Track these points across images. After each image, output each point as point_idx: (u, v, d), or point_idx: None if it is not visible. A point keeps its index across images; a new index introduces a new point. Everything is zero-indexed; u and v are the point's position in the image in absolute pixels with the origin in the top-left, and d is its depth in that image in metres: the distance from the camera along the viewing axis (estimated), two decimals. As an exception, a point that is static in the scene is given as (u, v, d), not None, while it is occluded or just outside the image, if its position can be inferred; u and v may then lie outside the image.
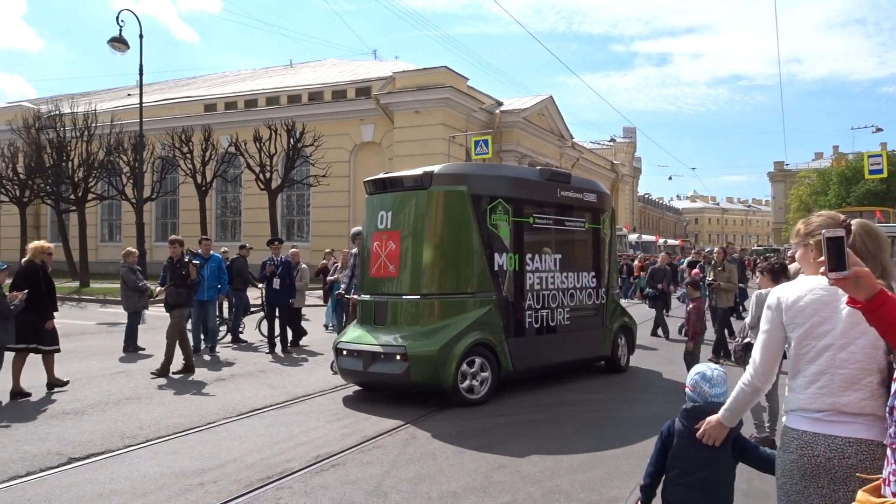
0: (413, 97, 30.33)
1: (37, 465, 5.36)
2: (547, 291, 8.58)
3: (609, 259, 9.76)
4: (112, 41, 20.37)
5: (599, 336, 9.38)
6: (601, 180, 53.71)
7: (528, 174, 9.16)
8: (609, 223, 9.78)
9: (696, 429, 2.87)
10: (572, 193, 9.09)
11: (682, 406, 3.09)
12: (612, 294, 9.80)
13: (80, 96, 38.63)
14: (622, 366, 9.74)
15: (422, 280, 7.80)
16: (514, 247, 8.21)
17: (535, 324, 8.42)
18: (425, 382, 7.41)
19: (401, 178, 8.23)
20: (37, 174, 29.13)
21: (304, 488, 4.86)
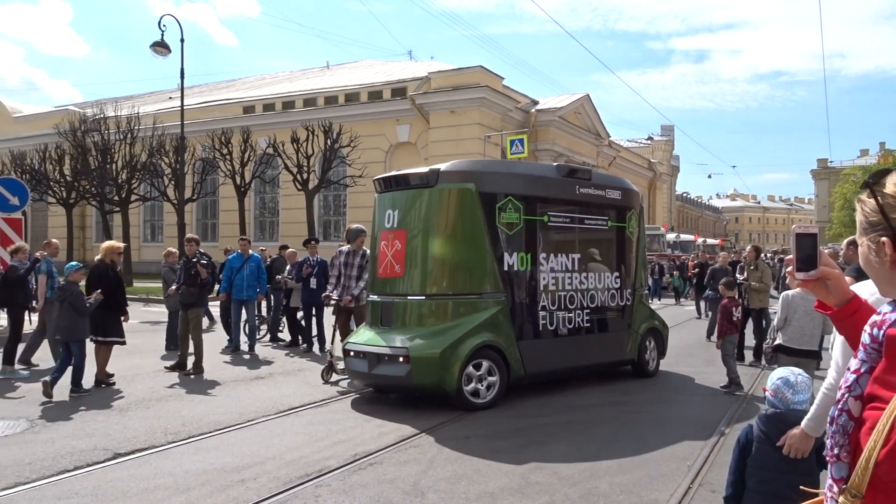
0: (448, 97, 30.37)
1: (84, 459, 5.50)
2: (564, 292, 8.25)
3: (636, 258, 9.36)
4: (154, 45, 20.81)
5: (624, 339, 8.99)
6: (638, 179, 53.11)
7: (542, 171, 8.88)
8: (636, 221, 9.38)
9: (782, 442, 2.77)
10: (593, 190, 8.74)
11: (760, 411, 2.97)
12: (640, 295, 9.41)
13: (124, 100, 39.55)
14: (650, 370, 9.30)
15: (427, 280, 7.61)
16: (527, 246, 7.94)
17: (551, 326, 8.11)
18: (428, 385, 7.25)
19: (407, 175, 8.03)
20: (82, 176, 29.91)
21: (342, 486, 4.90)
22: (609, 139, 43.14)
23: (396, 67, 38.96)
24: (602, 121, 40.64)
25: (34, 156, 31.85)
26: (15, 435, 6.26)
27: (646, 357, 9.24)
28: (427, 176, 7.69)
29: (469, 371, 7.24)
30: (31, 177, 30.08)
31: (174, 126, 26.67)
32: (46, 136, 35.26)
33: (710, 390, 8.48)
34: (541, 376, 8.15)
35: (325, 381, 8.59)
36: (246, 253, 11.68)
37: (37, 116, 41.85)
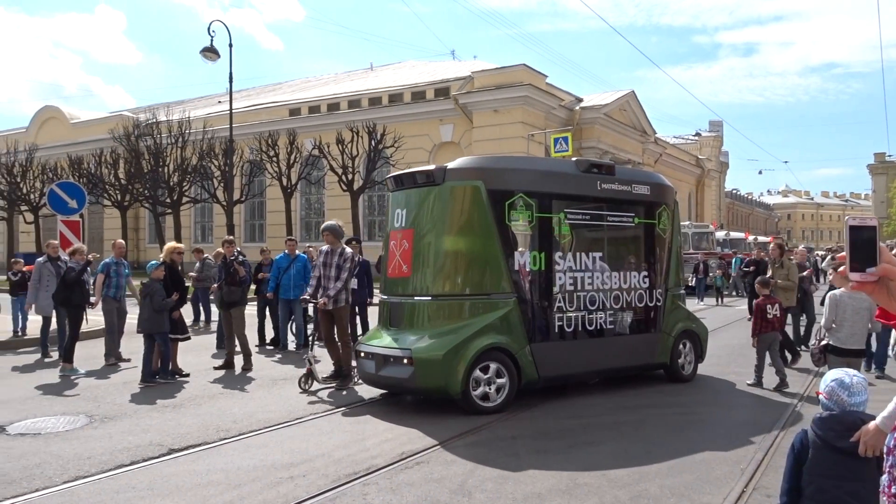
0: (491, 96, 30.32)
1: (140, 455, 5.66)
2: (583, 293, 7.86)
3: (668, 257, 8.82)
4: (204, 51, 21.28)
5: (653, 342, 8.50)
6: (686, 176, 52.17)
7: (558, 166, 8.57)
8: (669, 218, 8.81)
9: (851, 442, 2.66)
10: (617, 186, 8.27)
11: (815, 415, 2.87)
12: (673, 296, 8.86)
13: (175, 104, 40.59)
14: (684, 375, 8.75)
15: (433, 281, 7.40)
16: (540, 245, 7.61)
17: (568, 328, 7.74)
18: (431, 388, 7.08)
19: (414, 174, 7.79)
20: (136, 179, 30.83)
21: (389, 485, 4.93)
22: (655, 136, 42.49)
23: (439, 67, 39.06)
24: (648, 117, 40.05)
25: (90, 160, 32.92)
26: (75, 430, 6.48)
27: (679, 361, 8.74)
28: (434, 174, 7.47)
29: (476, 374, 7.00)
30: (88, 180, 31.10)
31: (223, 129, 27.27)
32: (102, 140, 36.46)
33: (762, 393, 8.27)
34: (557, 380, 7.82)
35: (304, 389, 8.12)
36: (293, 253, 11.85)
37: (93, 122, 43.23)
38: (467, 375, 6.93)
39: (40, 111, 46.73)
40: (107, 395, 8.11)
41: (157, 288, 8.95)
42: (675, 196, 9.24)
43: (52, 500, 4.67)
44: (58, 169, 33.87)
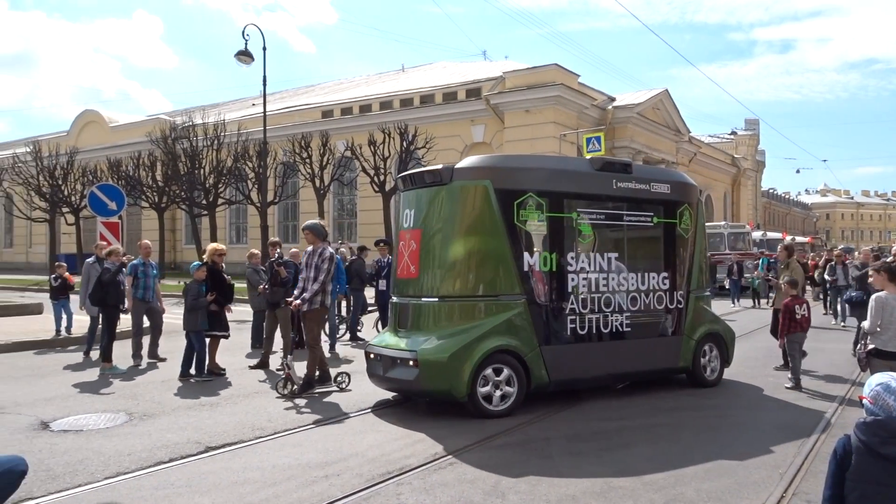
0: (523, 96, 30.24)
1: (178, 452, 5.76)
2: (598, 294, 7.67)
3: (691, 258, 8.53)
4: (239, 54, 21.59)
5: (674, 345, 8.25)
6: (721, 175, 51.39)
7: (571, 165, 8.37)
8: (691, 217, 8.53)
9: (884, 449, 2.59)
10: (634, 185, 8.03)
11: (858, 419, 2.79)
12: (696, 298, 8.55)
13: (210, 107, 41.27)
14: (708, 380, 8.50)
15: (440, 282, 7.28)
16: (551, 245, 7.44)
17: (581, 330, 7.54)
18: (436, 391, 6.99)
19: (422, 173, 7.66)
20: (173, 181, 31.39)
21: (423, 485, 4.94)
22: (689, 135, 41.93)
23: (471, 68, 39.07)
24: (681, 116, 39.54)
25: (129, 163, 33.60)
26: (116, 427, 6.63)
27: (702, 365, 8.47)
28: (441, 173, 7.35)
29: (483, 377, 6.90)
30: (127, 182, 31.76)
31: (257, 131, 27.62)
32: (140, 143, 37.20)
33: (803, 396, 8.10)
34: (569, 384, 7.66)
35: (281, 394, 7.99)
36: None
37: (131, 125, 44.16)
38: (473, 378, 6.82)
39: (81, 115, 47.87)
40: (145, 393, 8.27)
41: (193, 287, 9.24)
42: (699, 195, 8.95)
43: (95, 496, 4.78)
44: (97, 171, 34.65)
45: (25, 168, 35.08)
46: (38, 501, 4.65)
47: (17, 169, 35.25)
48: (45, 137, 44.49)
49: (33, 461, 5.42)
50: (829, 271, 15.97)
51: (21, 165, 35.24)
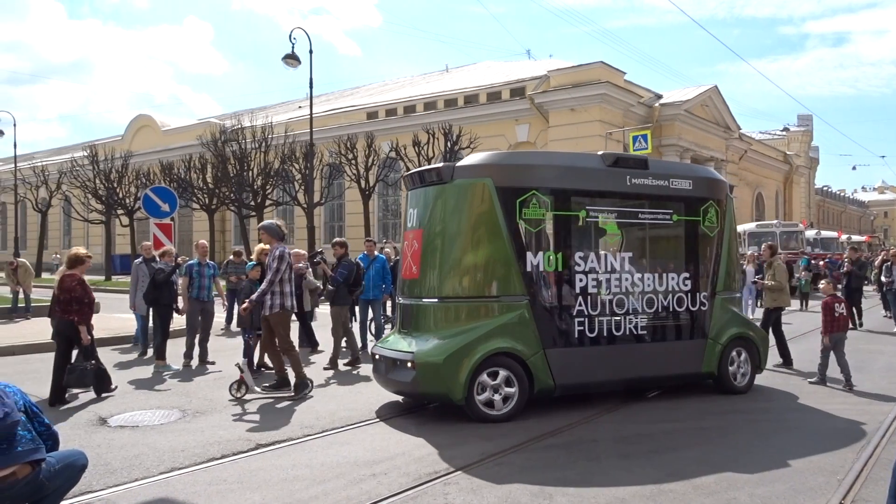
0: (568, 95, 29.99)
1: (230, 449, 5.88)
2: (610, 296, 7.37)
3: (717, 258, 8.07)
4: (286, 58, 21.93)
5: (697, 349, 7.83)
6: (773, 173, 50.09)
7: (579, 161, 7.97)
8: (717, 214, 8.06)
9: None
10: (651, 181, 7.65)
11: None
12: (723, 300, 8.09)
13: (258, 110, 42.04)
14: (738, 387, 8.04)
15: (440, 282, 7.09)
16: (557, 245, 7.20)
17: (590, 333, 7.24)
18: (432, 393, 6.89)
19: (424, 172, 7.50)
20: (222, 183, 32.05)
21: (469, 485, 4.95)
22: (739, 132, 40.98)
23: (515, 67, 38.92)
24: (731, 113, 38.66)
25: (180, 165, 34.44)
26: (170, 423, 6.81)
27: (730, 371, 8.00)
28: (442, 171, 7.20)
29: (483, 380, 6.74)
30: (178, 185, 32.54)
31: (304, 133, 28.04)
32: (191, 147, 38.12)
33: (861, 400, 7.84)
34: (577, 388, 7.36)
35: (235, 397, 7.83)
36: (371, 254, 12.05)
37: (182, 129, 45.28)
38: (471, 381, 6.67)
39: (134, 120, 49.30)
40: (198, 390, 8.47)
41: (247, 287, 9.46)
42: (728, 191, 8.46)
43: (151, 490, 4.91)
44: (150, 174, 35.59)
45: (83, 171, 36.25)
46: (98, 494, 4.80)
47: (74, 172, 36.45)
48: (101, 142, 45.92)
49: (92, 455, 5.61)
50: (886, 272, 15.36)
51: (78, 169, 36.42)
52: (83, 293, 7.87)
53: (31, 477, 3.64)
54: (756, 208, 46.91)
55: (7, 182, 46.54)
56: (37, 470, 3.67)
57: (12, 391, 3.74)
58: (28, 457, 3.63)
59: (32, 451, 3.66)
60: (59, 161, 45.52)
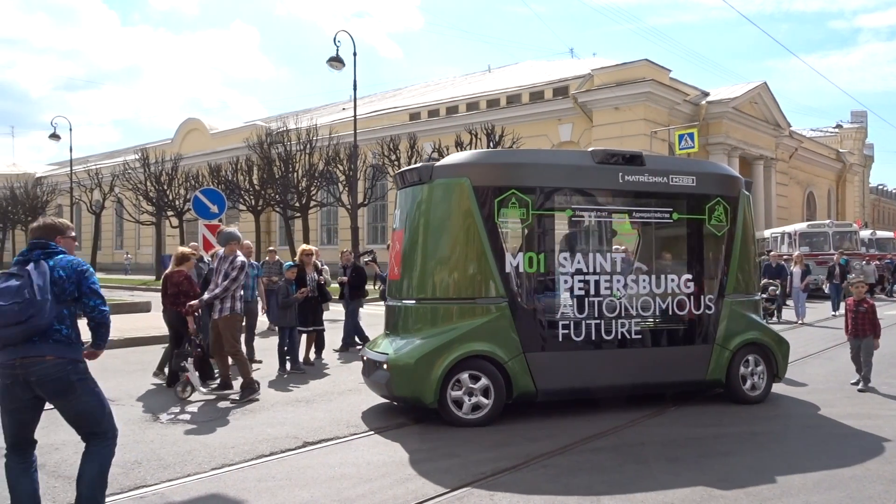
0: (612, 93, 29.66)
1: (278, 446, 5.97)
2: (598, 298, 7.05)
3: (726, 258, 7.60)
4: (331, 60, 22.21)
5: (700, 356, 7.42)
6: (825, 171, 48.66)
7: (565, 158, 7.84)
8: (726, 212, 7.59)
9: None
10: (647, 178, 7.29)
11: None
12: (732, 303, 7.59)
13: (303, 113, 42.59)
14: (749, 396, 7.55)
15: (417, 284, 6.98)
16: (539, 245, 6.97)
17: (576, 337, 6.97)
18: (405, 396, 6.77)
19: (406, 172, 7.38)
20: (268, 185, 32.58)
21: (515, 487, 4.93)
22: (790, 129, 39.93)
23: (558, 66, 38.65)
24: (781, 110, 37.69)
25: (228, 168, 35.14)
26: (219, 420, 6.95)
27: (740, 379, 7.53)
28: (421, 171, 7.09)
29: (456, 383, 6.62)
30: (226, 187, 33.19)
31: (347, 135, 28.32)
32: (237, 149, 38.85)
33: (921, 405, 7.56)
34: (561, 394, 7.12)
35: (181, 398, 7.89)
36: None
37: (229, 132, 46.17)
38: (443, 384, 6.55)
39: (184, 123, 50.48)
40: (246, 388, 8.61)
41: (281, 286, 9.82)
42: (742, 187, 7.90)
43: (202, 486, 5.02)
44: (199, 176, 36.41)
45: (134, 174, 37.30)
46: (153, 489, 4.93)
47: (127, 175, 37.53)
48: (152, 145, 47.12)
49: (146, 451, 5.79)
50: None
51: (130, 172, 37.48)
52: (189, 287, 8.58)
53: (59, 365, 3.85)
54: (807, 208, 45.66)
55: (63, 185, 48.17)
56: (65, 362, 3.87)
57: (60, 275, 3.88)
58: (57, 352, 3.85)
59: (64, 346, 3.88)
60: (112, 164, 46.95)
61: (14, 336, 3.73)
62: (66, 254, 4.06)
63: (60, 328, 3.87)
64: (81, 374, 3.95)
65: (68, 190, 42.55)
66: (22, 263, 3.88)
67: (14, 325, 3.69)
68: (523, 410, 7.23)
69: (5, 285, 3.75)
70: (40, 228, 4.15)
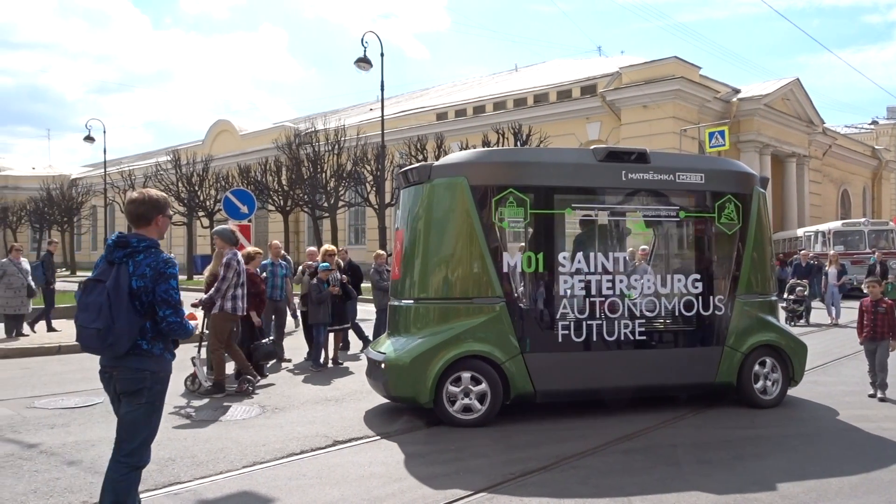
0: (641, 91, 29.37)
1: (308, 444, 6.03)
2: (601, 298, 6.91)
3: (738, 257, 7.37)
4: (358, 61, 22.34)
5: (710, 358, 7.21)
6: (860, 169, 47.67)
7: (565, 156, 7.73)
8: (737, 210, 7.35)
9: None
10: (652, 175, 7.12)
11: None
12: (745, 304, 7.35)
13: (331, 114, 42.84)
14: (762, 400, 7.32)
15: (416, 283, 6.96)
16: (538, 244, 6.87)
17: (577, 337, 6.85)
18: (401, 396, 6.79)
19: (407, 172, 7.34)
20: (297, 185, 32.86)
21: (546, 488, 4.91)
22: (823, 126, 39.17)
23: (585, 65, 38.39)
24: (814, 106, 36.97)
25: (257, 168, 35.53)
26: (250, 419, 7.03)
27: (752, 382, 7.30)
28: (420, 171, 7.08)
29: (452, 383, 6.59)
30: (255, 187, 33.55)
31: (375, 135, 28.47)
32: (266, 150, 39.27)
33: (962, 409, 7.37)
34: (563, 395, 7.07)
35: (189, 390, 8.18)
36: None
37: (258, 133, 46.66)
38: (439, 384, 6.53)
39: (214, 125, 51.12)
40: (276, 387, 8.71)
41: (313, 285, 10.03)
42: (756, 184, 7.64)
43: (235, 483, 5.08)
44: (229, 177, 36.87)
45: (166, 175, 37.89)
46: (186, 486, 5.00)
47: (159, 176, 38.14)
48: (183, 146, 47.82)
49: (179, 448, 5.87)
50: None
51: (162, 173, 38.09)
52: (253, 285, 8.86)
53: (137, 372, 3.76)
54: (842, 206, 44.75)
55: (97, 186, 49.11)
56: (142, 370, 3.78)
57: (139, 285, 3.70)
58: (138, 364, 3.76)
59: (145, 358, 3.78)
60: (144, 165, 47.70)
61: (97, 353, 3.79)
62: (151, 248, 3.80)
63: (141, 343, 3.76)
64: (152, 383, 3.82)
65: (102, 191, 43.40)
66: (108, 263, 3.77)
67: (94, 349, 3.72)
68: (552, 411, 7.21)
69: (89, 299, 3.68)
70: (143, 203, 3.85)
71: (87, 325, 3.64)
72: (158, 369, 3.84)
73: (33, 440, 6.14)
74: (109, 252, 3.79)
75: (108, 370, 3.82)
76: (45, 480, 5.07)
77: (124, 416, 3.83)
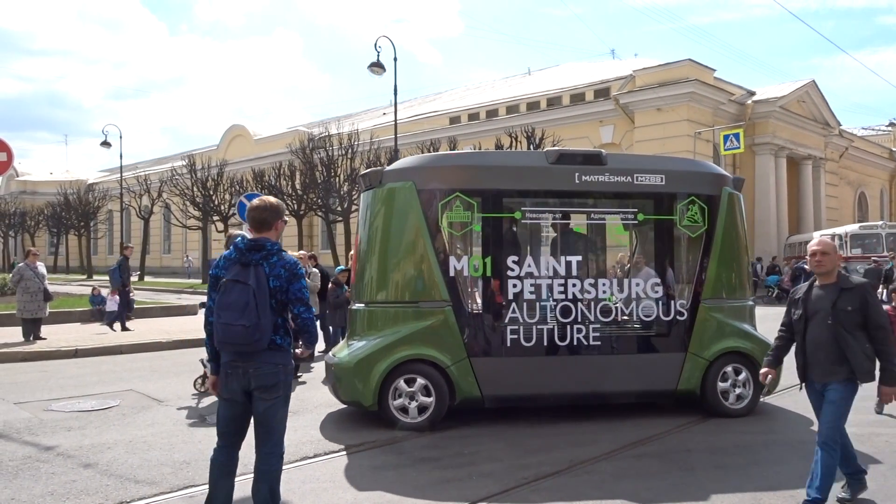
0: (654, 94, 29.26)
1: (321, 448, 6.05)
2: (552, 302, 6.82)
3: (702, 261, 7.15)
4: (372, 66, 22.44)
5: (669, 364, 7.01)
6: (877, 171, 47.18)
7: (515, 160, 7.69)
8: (701, 212, 7.12)
9: None
10: (607, 177, 6.97)
11: None
12: (709, 308, 7.11)
13: (344, 118, 43.02)
14: (730, 408, 7.05)
15: (366, 287, 6.99)
16: (485, 248, 6.84)
17: (526, 342, 6.76)
18: (348, 399, 6.86)
19: (362, 176, 7.37)
20: (310, 190, 33.01)
21: (558, 493, 4.90)
22: (839, 128, 38.82)
23: (598, 68, 38.31)
24: (830, 108, 36.65)
25: (271, 173, 35.73)
26: (264, 422, 7.04)
27: (720, 390, 7.05)
28: (372, 176, 7.09)
29: (399, 387, 6.61)
30: (270, 191, 33.73)
31: (388, 139, 28.54)
32: (280, 154, 39.48)
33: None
34: (511, 400, 7.01)
35: (199, 391, 8.45)
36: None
37: (272, 138, 46.95)
38: (382, 387, 6.56)
39: (228, 130, 51.49)
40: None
41: (333, 289, 10.28)
42: (724, 185, 7.35)
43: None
44: (243, 182, 37.09)
45: (181, 180, 38.19)
46: (200, 488, 5.03)
47: (174, 181, 38.45)
48: (198, 151, 48.12)
49: (194, 451, 5.91)
50: None
51: (178, 178, 38.40)
52: None
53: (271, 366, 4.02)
54: (859, 209, 44.31)
55: (114, 191, 49.60)
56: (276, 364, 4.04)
57: (275, 285, 3.97)
58: (273, 359, 4.02)
59: (278, 353, 4.04)
60: (160, 170, 48.11)
61: (239, 350, 3.94)
62: (281, 251, 4.07)
63: (275, 338, 4.00)
64: (285, 376, 4.10)
65: (118, 196, 43.80)
66: (243, 265, 3.95)
67: (241, 345, 3.89)
68: (568, 415, 7.19)
69: (232, 298, 3.86)
70: (265, 209, 4.10)
71: (234, 322, 3.84)
72: (288, 363, 4.12)
73: (50, 443, 6.21)
74: (243, 255, 3.99)
75: (241, 366, 3.99)
76: (61, 483, 5.12)
77: (264, 411, 4.08)
